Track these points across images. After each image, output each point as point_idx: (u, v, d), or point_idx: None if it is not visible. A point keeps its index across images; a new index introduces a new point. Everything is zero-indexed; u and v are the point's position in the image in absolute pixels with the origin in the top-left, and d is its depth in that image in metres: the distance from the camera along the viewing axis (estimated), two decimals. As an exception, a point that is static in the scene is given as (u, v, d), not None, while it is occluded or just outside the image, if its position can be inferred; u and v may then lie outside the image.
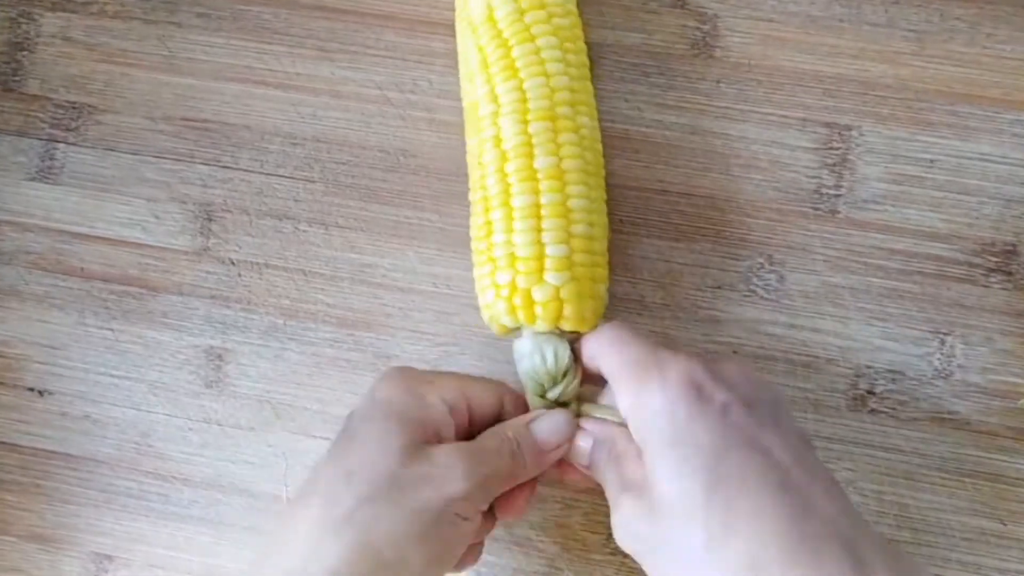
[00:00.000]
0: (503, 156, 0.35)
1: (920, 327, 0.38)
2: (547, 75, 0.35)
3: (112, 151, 0.41)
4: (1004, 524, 0.37)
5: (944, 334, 0.38)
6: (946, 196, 0.38)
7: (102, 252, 0.41)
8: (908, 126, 0.39)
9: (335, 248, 0.40)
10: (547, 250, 0.34)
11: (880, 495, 0.37)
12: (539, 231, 0.34)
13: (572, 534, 0.38)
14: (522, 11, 0.36)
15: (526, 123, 0.35)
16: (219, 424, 0.40)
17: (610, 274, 0.36)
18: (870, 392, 0.38)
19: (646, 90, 0.40)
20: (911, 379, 0.38)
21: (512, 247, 0.34)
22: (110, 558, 0.39)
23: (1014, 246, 0.38)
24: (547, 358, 0.34)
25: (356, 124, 0.41)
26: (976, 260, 0.38)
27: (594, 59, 0.40)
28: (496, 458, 0.32)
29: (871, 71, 0.39)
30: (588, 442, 0.33)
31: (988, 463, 0.37)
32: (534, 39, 0.36)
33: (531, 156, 0.34)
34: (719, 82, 0.40)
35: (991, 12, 0.39)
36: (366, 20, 0.41)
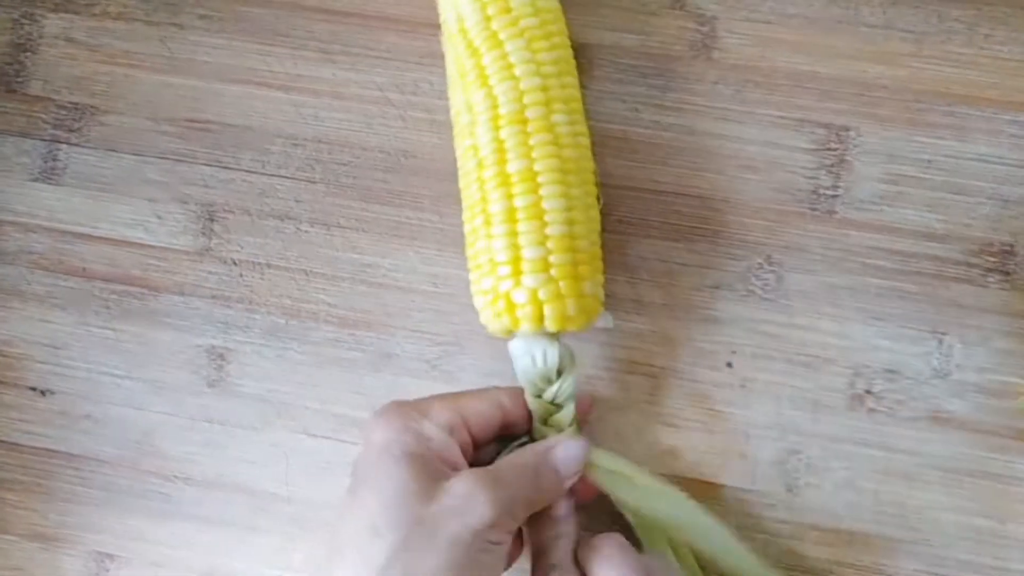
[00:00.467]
0: (480, 164, 0.35)
1: (918, 327, 0.38)
2: (515, 79, 0.35)
3: (114, 152, 0.42)
4: (1002, 523, 0.37)
5: (942, 334, 0.38)
6: (943, 196, 0.39)
7: (104, 252, 0.41)
8: (905, 127, 0.39)
9: (336, 248, 0.40)
10: (523, 252, 0.34)
11: (878, 494, 0.37)
12: (515, 235, 0.34)
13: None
14: (488, 18, 0.36)
15: (498, 128, 0.35)
16: (221, 423, 0.40)
17: (605, 268, 0.36)
18: (868, 392, 0.38)
19: (644, 91, 0.40)
20: (909, 379, 0.38)
21: (492, 252, 0.34)
22: (111, 557, 0.40)
23: (1011, 246, 0.38)
24: (536, 359, 0.34)
25: (357, 125, 0.41)
26: (974, 260, 0.38)
27: (592, 61, 0.40)
28: (517, 480, 0.32)
29: (869, 72, 0.39)
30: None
31: (986, 463, 0.37)
32: (502, 44, 0.36)
33: (504, 162, 0.35)
34: (717, 83, 0.40)
35: (989, 13, 0.39)
36: (368, 22, 0.41)
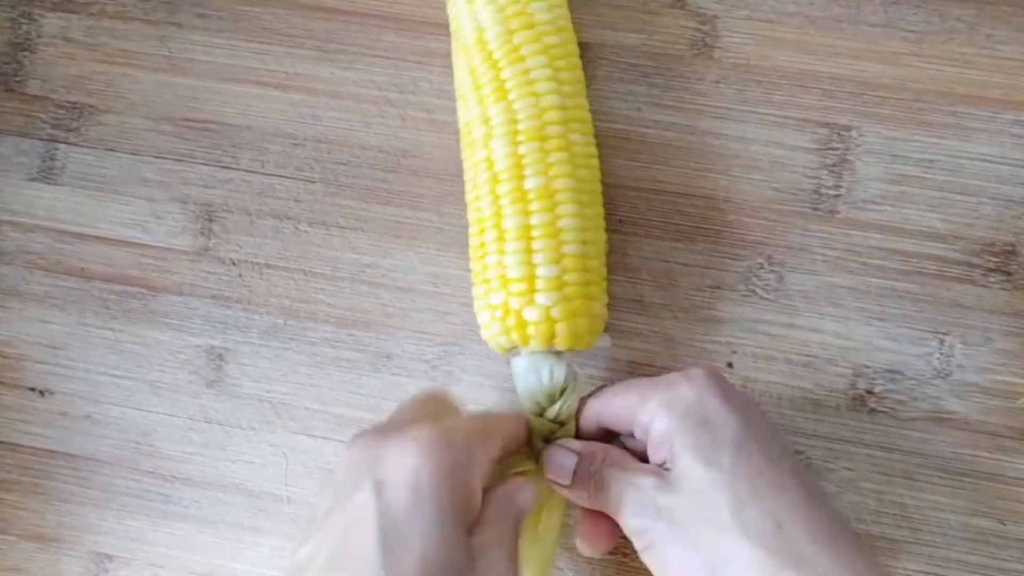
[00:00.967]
0: (495, 178, 0.35)
1: (919, 327, 0.38)
2: (537, 95, 0.35)
3: (113, 151, 0.41)
4: (1003, 524, 0.37)
5: (943, 334, 0.38)
6: (945, 196, 0.38)
7: (103, 252, 0.41)
8: (907, 126, 0.39)
9: (335, 248, 0.40)
10: (538, 271, 0.34)
11: (879, 495, 0.37)
12: (530, 252, 0.34)
13: (573, 533, 0.38)
14: (511, 32, 0.36)
15: (516, 144, 0.35)
16: (220, 424, 0.40)
17: (609, 289, 0.36)
18: (869, 392, 0.38)
19: (645, 90, 0.40)
20: (910, 379, 0.38)
21: (504, 268, 0.34)
22: (110, 557, 0.40)
23: (1013, 246, 0.38)
24: (543, 377, 0.34)
25: (356, 125, 0.41)
26: (975, 260, 0.38)
27: (593, 60, 0.40)
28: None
29: (870, 71, 0.39)
30: (571, 459, 0.33)
31: (987, 463, 0.37)
32: (524, 60, 0.36)
33: (521, 177, 0.35)
34: (718, 82, 0.40)
35: (990, 12, 0.39)
36: (366, 21, 0.41)
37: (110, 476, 0.40)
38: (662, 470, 0.31)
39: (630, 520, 0.31)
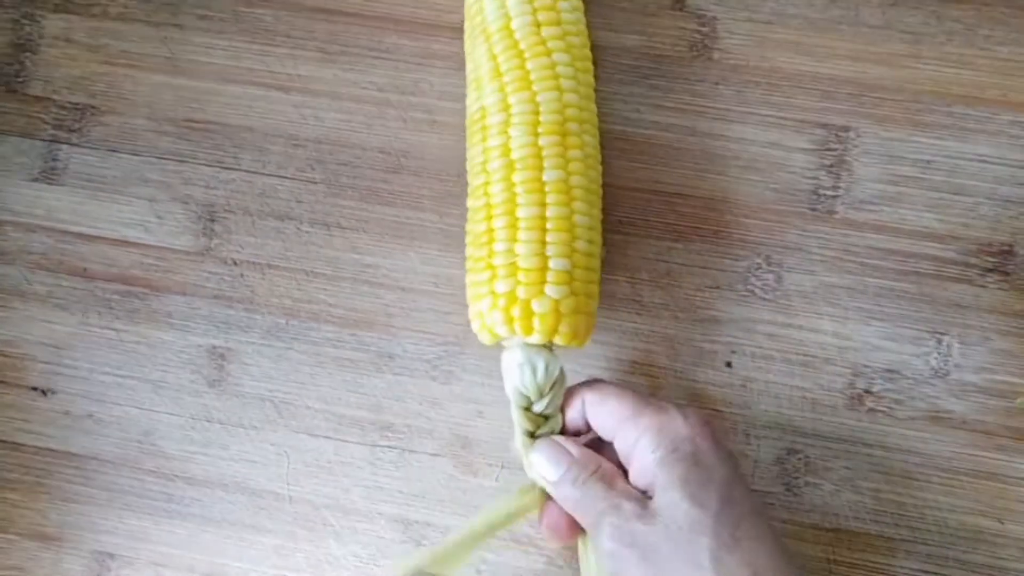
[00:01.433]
0: (511, 166, 0.35)
1: (917, 327, 0.38)
2: (560, 90, 0.36)
3: (115, 152, 0.42)
4: (1002, 523, 0.37)
5: (941, 334, 0.38)
6: (943, 197, 0.39)
7: (105, 252, 0.41)
8: (905, 127, 0.39)
9: (337, 248, 0.40)
10: (550, 263, 0.34)
11: (877, 493, 0.37)
12: (543, 243, 0.34)
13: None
14: (539, 24, 0.36)
15: (536, 135, 0.35)
16: (222, 423, 0.40)
17: (608, 289, 0.36)
18: (867, 391, 0.38)
19: (645, 92, 0.40)
20: (908, 378, 0.38)
21: (514, 257, 0.34)
22: (113, 556, 0.40)
23: (1010, 246, 0.38)
24: (538, 370, 0.34)
25: (357, 125, 0.41)
26: (973, 260, 0.38)
27: (595, 61, 0.40)
28: None
29: (868, 73, 0.39)
30: (564, 459, 0.33)
31: (985, 462, 0.37)
32: (550, 53, 0.36)
33: (540, 168, 0.35)
34: (717, 84, 0.40)
35: (988, 14, 0.39)
36: (367, 22, 0.41)
37: (112, 475, 0.40)
38: (645, 498, 0.31)
39: (604, 542, 0.31)
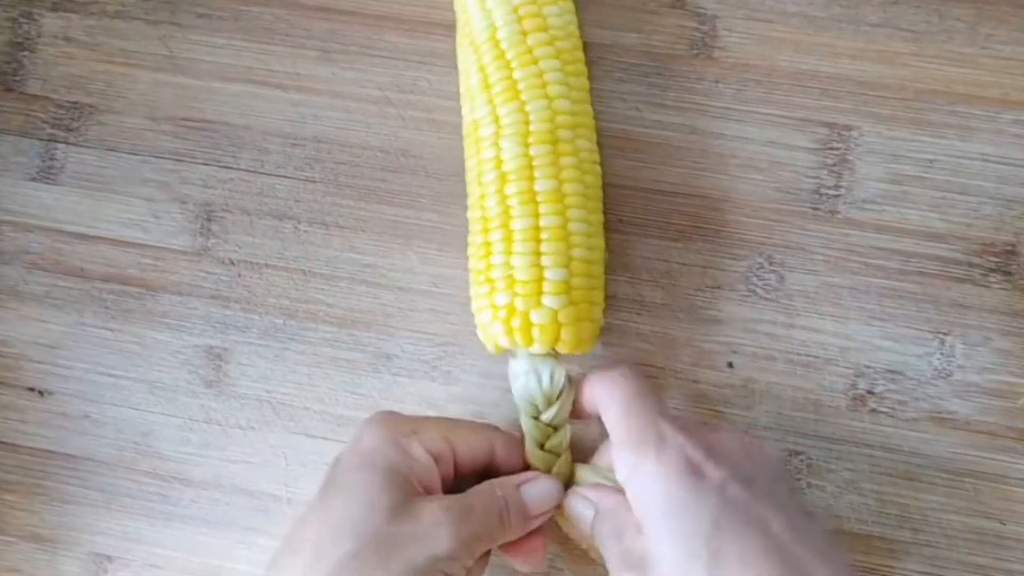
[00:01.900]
0: (503, 177, 0.35)
1: (920, 327, 0.38)
2: (549, 98, 0.35)
3: (112, 151, 0.41)
4: (1004, 524, 0.37)
5: (944, 334, 0.38)
6: (945, 196, 0.38)
7: (102, 252, 0.41)
8: (907, 126, 0.39)
9: (335, 248, 0.40)
10: (546, 273, 0.34)
11: (880, 495, 0.37)
12: (538, 254, 0.34)
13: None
14: (525, 32, 0.36)
15: (527, 145, 0.35)
16: (219, 424, 0.40)
17: (609, 289, 0.36)
18: (870, 392, 0.38)
19: (645, 90, 0.40)
20: (911, 379, 0.38)
21: (511, 269, 0.34)
22: (110, 558, 0.39)
23: (1013, 246, 0.38)
24: (543, 379, 0.34)
25: (356, 124, 0.41)
26: (976, 260, 0.38)
27: (593, 60, 0.40)
28: (483, 518, 0.32)
29: (870, 71, 0.39)
30: (590, 511, 0.33)
31: (988, 463, 0.37)
32: (537, 61, 0.36)
33: (532, 179, 0.35)
34: (718, 82, 0.40)
35: (990, 12, 0.39)
36: (366, 21, 0.41)
37: (109, 476, 0.40)
38: (646, 564, 0.30)
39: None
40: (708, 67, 0.40)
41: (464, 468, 0.34)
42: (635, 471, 0.31)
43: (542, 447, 0.35)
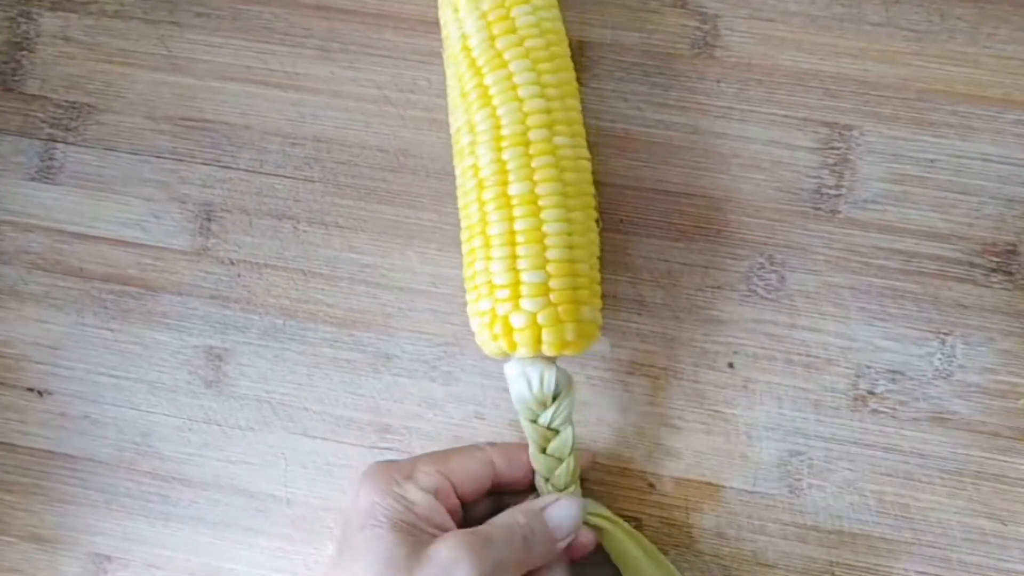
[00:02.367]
0: (480, 185, 0.35)
1: (921, 327, 0.38)
2: (520, 100, 0.35)
3: (111, 151, 0.41)
4: (1004, 524, 0.37)
5: (945, 334, 0.38)
6: (947, 196, 0.38)
7: (101, 252, 0.41)
8: (909, 126, 0.39)
9: (335, 248, 0.40)
10: (523, 276, 0.34)
11: (880, 495, 0.37)
12: (515, 258, 0.34)
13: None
14: (493, 37, 0.36)
15: (500, 150, 0.35)
16: (218, 424, 0.40)
17: (607, 269, 0.36)
18: (870, 392, 0.38)
19: (646, 90, 0.40)
20: (911, 379, 0.38)
21: (490, 275, 0.34)
22: (109, 558, 0.39)
23: (1015, 246, 0.38)
24: (532, 383, 0.34)
25: (356, 124, 0.41)
26: (977, 260, 0.38)
27: (594, 59, 0.40)
28: (506, 545, 0.31)
29: (872, 71, 0.39)
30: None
31: (989, 463, 0.37)
32: (506, 64, 0.35)
33: (505, 183, 0.34)
34: (719, 82, 0.40)
35: (992, 12, 0.39)
36: (366, 20, 0.41)
37: (109, 477, 0.40)
38: None
39: None
40: (710, 66, 0.40)
41: (468, 495, 0.34)
42: None
43: (544, 451, 0.35)
